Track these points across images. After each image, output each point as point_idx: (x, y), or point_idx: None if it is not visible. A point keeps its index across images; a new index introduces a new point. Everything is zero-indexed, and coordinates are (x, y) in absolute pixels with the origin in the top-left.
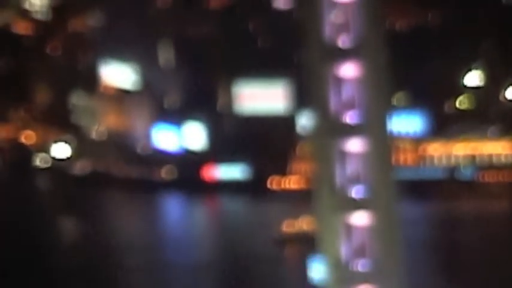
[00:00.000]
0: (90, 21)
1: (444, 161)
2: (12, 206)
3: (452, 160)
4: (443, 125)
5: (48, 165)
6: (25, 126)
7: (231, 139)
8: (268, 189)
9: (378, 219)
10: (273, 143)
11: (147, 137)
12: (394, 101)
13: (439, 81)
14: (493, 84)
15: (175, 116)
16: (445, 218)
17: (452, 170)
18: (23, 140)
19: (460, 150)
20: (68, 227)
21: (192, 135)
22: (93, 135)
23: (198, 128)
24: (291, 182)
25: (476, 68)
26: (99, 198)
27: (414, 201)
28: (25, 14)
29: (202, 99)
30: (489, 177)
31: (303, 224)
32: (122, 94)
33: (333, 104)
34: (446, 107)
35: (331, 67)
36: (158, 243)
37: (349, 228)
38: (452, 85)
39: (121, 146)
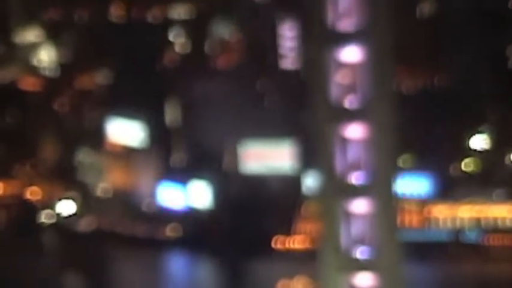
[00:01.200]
0: (98, 78)
1: (449, 224)
2: (17, 262)
3: (458, 223)
4: (449, 188)
5: (53, 221)
6: (31, 183)
7: (236, 198)
8: (273, 249)
9: (382, 281)
10: (278, 202)
11: (153, 194)
12: (400, 163)
13: (445, 144)
14: (499, 147)
15: (181, 174)
16: (449, 281)
17: (458, 232)
18: (28, 196)
19: (466, 213)
20: (72, 283)
21: (198, 194)
22: (99, 192)
23: (204, 187)
24: (296, 242)
25: (482, 132)
26: (104, 256)
27: (419, 263)
28: (33, 70)
29: (208, 158)
30: (494, 241)
31: (298, 284)
32: (128, 151)
33: (339, 164)
34: (452, 170)
35: (337, 128)
36: None
37: None
38: (458, 148)
39: (126, 203)
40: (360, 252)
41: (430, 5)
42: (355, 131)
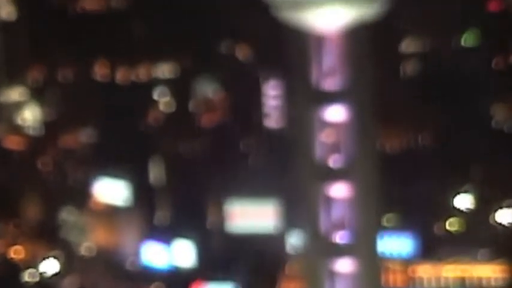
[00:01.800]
0: (82, 137)
1: (434, 283)
2: None
3: (442, 282)
4: (433, 247)
5: (37, 280)
6: (14, 242)
7: (221, 257)
8: None
9: None
10: (263, 261)
11: (137, 253)
12: (384, 222)
13: (429, 203)
14: (483, 207)
15: (165, 233)
16: None
17: None
18: (12, 255)
19: (450, 272)
20: None
21: (182, 253)
22: (82, 251)
23: (188, 246)
24: None
25: (467, 191)
26: None
27: None
28: (17, 129)
29: (192, 216)
30: None
31: None
32: (112, 210)
33: (323, 223)
34: (436, 229)
35: (321, 187)
36: None
37: None
38: (442, 207)
39: (110, 262)
40: None
41: (414, 64)
42: (339, 190)
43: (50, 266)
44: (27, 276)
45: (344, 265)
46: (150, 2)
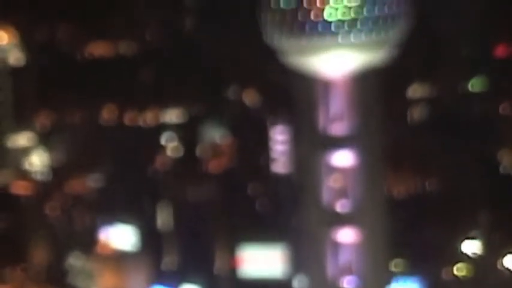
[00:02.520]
0: (89, 182)
1: None
2: None
3: None
4: None
5: None
6: (22, 286)
7: None
8: None
9: None
10: None
11: None
12: (392, 267)
13: (436, 248)
14: (491, 252)
15: (173, 278)
16: None
17: None
18: None
19: None
20: None
21: None
22: None
23: None
24: None
25: (474, 236)
26: None
27: None
28: (25, 174)
29: (199, 261)
30: None
31: None
32: (120, 255)
33: (330, 268)
34: (444, 274)
35: (329, 232)
36: None
37: None
38: (450, 252)
39: None
40: None
41: (421, 109)
42: (346, 235)
43: None
44: None
45: None
46: (158, 49)
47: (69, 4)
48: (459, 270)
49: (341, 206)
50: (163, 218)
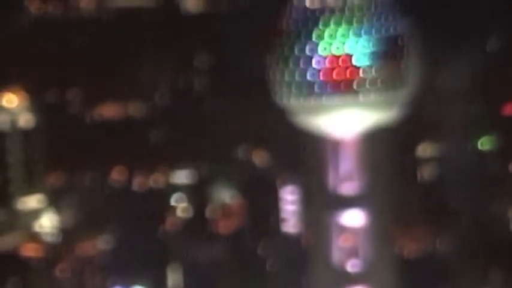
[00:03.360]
0: (100, 243)
1: None
2: None
3: None
4: None
5: None
6: None
7: None
8: None
9: None
10: None
11: None
12: None
13: None
14: None
15: None
16: None
17: None
18: None
19: None
20: None
21: None
22: None
23: None
24: None
25: None
26: None
27: None
28: (34, 236)
29: None
30: None
31: None
32: None
33: None
34: None
35: None
36: None
37: None
38: None
39: None
40: None
41: (431, 168)
42: None
43: None
44: None
45: None
46: (168, 109)
47: (78, 66)
48: None
49: (351, 266)
50: (174, 279)
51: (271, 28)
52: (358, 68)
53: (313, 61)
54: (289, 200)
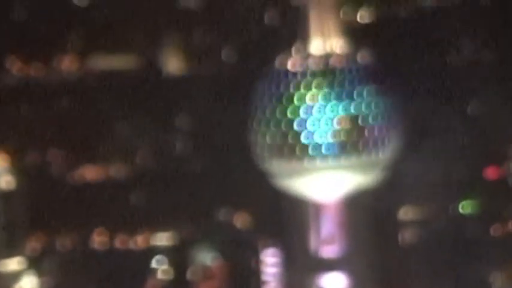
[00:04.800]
0: None
1: None
2: None
3: None
4: None
5: None
6: None
7: None
8: None
9: None
10: None
11: None
12: None
13: None
14: None
15: None
16: None
17: None
18: None
19: None
20: None
21: None
22: None
23: None
24: None
25: None
26: None
27: None
28: None
29: None
30: None
31: None
32: None
33: None
34: None
35: None
36: None
37: None
38: None
39: None
40: None
41: (412, 231)
42: None
43: None
44: None
45: None
46: (149, 171)
47: (60, 128)
48: None
49: None
50: None
51: (252, 90)
52: (340, 131)
53: (295, 124)
54: (271, 262)
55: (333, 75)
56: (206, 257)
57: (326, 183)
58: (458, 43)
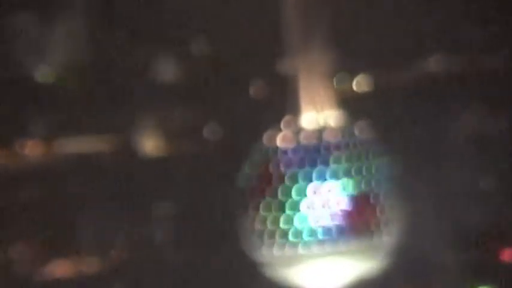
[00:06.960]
0: None
1: None
2: None
3: None
4: None
5: None
6: None
7: None
8: None
9: None
10: None
11: None
12: None
13: None
14: None
15: None
16: None
17: None
18: None
19: None
20: None
21: None
22: None
23: None
24: None
25: None
26: None
27: None
28: None
29: None
30: None
31: None
32: None
33: None
34: None
35: None
36: None
37: None
38: None
39: None
40: None
41: None
42: None
43: None
44: None
45: None
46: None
47: (26, 219)
48: None
49: None
50: None
51: (238, 170)
52: (337, 213)
53: (286, 206)
54: None
55: (327, 151)
56: None
57: (322, 272)
58: (466, 113)
